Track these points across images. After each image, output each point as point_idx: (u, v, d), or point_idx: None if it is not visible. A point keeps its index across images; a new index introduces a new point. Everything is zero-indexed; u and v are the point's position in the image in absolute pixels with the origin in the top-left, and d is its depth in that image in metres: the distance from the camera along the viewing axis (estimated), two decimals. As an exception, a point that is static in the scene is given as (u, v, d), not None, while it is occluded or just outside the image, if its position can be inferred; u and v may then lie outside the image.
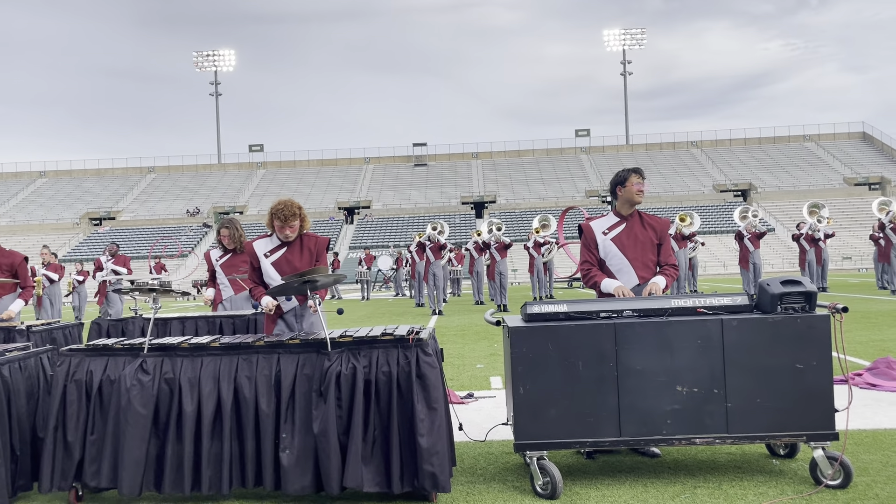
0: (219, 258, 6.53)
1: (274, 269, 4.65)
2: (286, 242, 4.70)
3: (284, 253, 4.68)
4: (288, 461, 3.60)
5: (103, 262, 15.03)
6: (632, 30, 71.23)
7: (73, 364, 3.80)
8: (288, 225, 4.60)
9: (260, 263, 4.71)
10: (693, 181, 58.93)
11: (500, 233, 18.51)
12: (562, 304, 3.91)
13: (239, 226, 6.56)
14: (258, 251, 4.73)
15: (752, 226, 18.18)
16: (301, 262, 4.64)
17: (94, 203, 62.29)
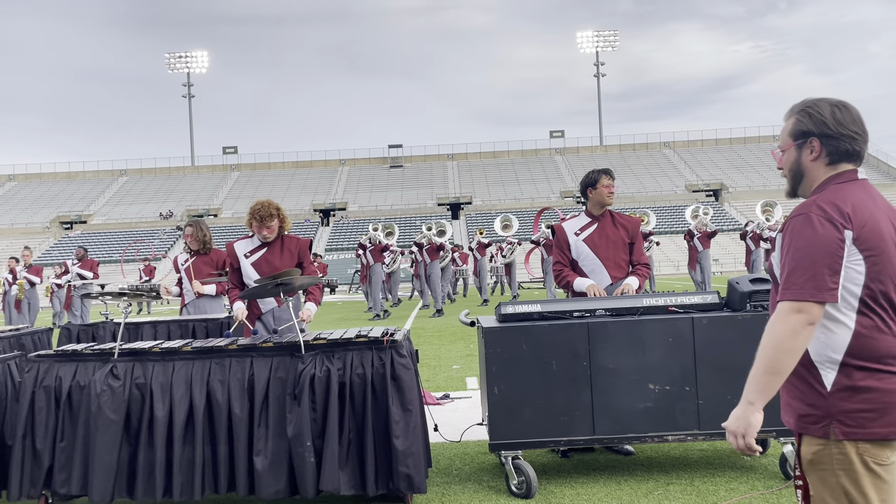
0: (184, 262, 6.40)
1: (254, 269, 4.64)
2: (267, 243, 4.69)
3: (265, 254, 4.67)
4: (262, 465, 3.57)
5: (70, 265, 14.72)
6: (604, 32, 71.83)
7: (42, 370, 3.74)
8: (265, 226, 4.58)
9: (240, 264, 4.69)
10: (666, 181, 59.55)
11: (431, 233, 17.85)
12: (535, 305, 3.93)
13: (205, 226, 6.39)
14: (238, 252, 4.71)
15: (702, 224, 17.27)
16: (281, 263, 4.63)
17: (65, 206, 61.31)
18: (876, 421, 1.77)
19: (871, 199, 1.89)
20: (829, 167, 1.93)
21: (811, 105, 1.94)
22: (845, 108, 1.92)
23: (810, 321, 1.78)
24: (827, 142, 1.91)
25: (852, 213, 1.81)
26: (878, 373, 1.79)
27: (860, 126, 1.91)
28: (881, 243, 1.82)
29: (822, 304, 1.79)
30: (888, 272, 1.82)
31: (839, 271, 1.79)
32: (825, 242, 1.79)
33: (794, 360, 1.80)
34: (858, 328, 1.81)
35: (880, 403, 1.77)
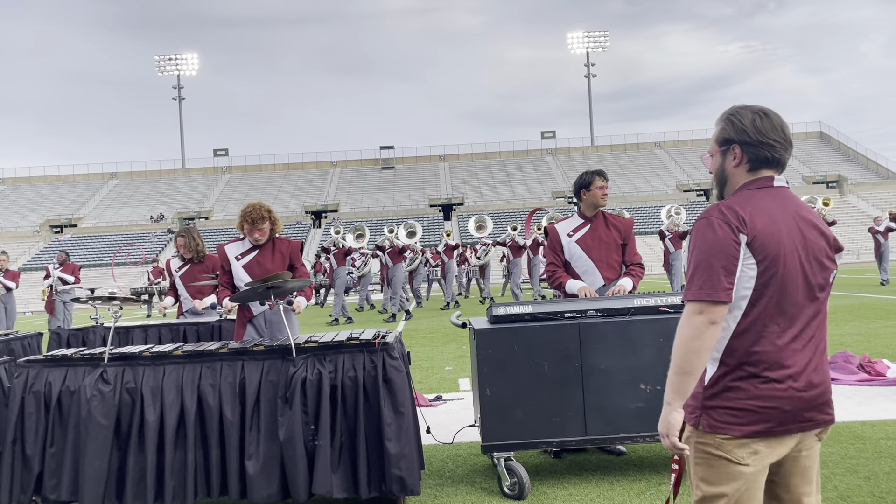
0: (178, 269, 6.35)
1: (245, 272, 4.63)
2: (258, 245, 4.68)
3: (256, 256, 4.66)
4: (254, 469, 3.56)
5: (51, 269, 14.55)
6: (594, 33, 71.98)
7: (32, 375, 3.72)
8: (257, 228, 4.58)
9: (231, 266, 4.68)
10: (657, 181, 59.72)
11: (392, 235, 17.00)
12: (527, 306, 3.93)
13: (196, 234, 6.34)
14: (229, 254, 4.70)
15: (674, 224, 16.59)
16: (273, 266, 4.62)
17: (55, 210, 60.96)
18: (737, 420, 1.86)
19: (780, 207, 1.92)
20: (749, 173, 1.98)
21: (734, 113, 1.98)
22: (766, 116, 1.95)
23: (712, 321, 1.85)
24: (747, 149, 1.95)
25: (749, 218, 1.87)
26: (751, 377, 1.86)
27: (780, 134, 1.94)
28: (775, 250, 1.86)
29: (721, 304, 1.85)
30: (779, 279, 1.86)
31: (734, 272, 1.86)
32: (722, 244, 1.86)
33: (703, 358, 1.86)
34: (740, 329, 1.88)
35: (745, 405, 1.85)
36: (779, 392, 1.85)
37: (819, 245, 1.92)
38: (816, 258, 1.91)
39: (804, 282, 1.89)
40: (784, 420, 1.86)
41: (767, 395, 1.85)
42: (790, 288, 1.87)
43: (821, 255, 1.92)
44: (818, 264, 1.91)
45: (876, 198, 54.54)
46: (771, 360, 1.86)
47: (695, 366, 1.86)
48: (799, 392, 1.86)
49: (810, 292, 1.90)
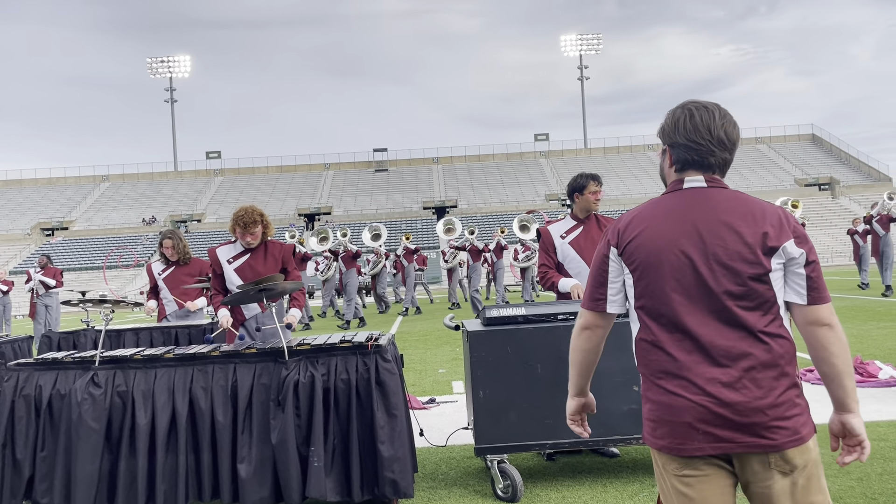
0: (161, 272, 6.29)
1: (237, 275, 4.61)
2: (250, 249, 4.66)
3: (248, 259, 4.64)
4: (246, 472, 3.55)
5: (32, 273, 14.39)
6: (588, 36, 72.19)
7: (22, 379, 3.70)
8: (249, 232, 4.56)
9: (223, 269, 4.65)
10: (650, 184, 59.87)
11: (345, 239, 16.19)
12: (520, 308, 3.93)
13: (182, 237, 6.38)
14: (221, 257, 4.68)
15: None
16: (265, 269, 4.60)
17: (46, 213, 60.69)
18: (655, 432, 1.81)
19: (679, 210, 1.82)
20: (677, 174, 1.91)
21: (668, 112, 1.92)
22: (692, 115, 1.86)
23: (583, 326, 1.97)
24: (673, 150, 1.90)
25: (624, 228, 1.87)
26: (655, 386, 1.81)
27: (703, 134, 1.83)
28: (650, 258, 1.80)
29: (594, 313, 1.94)
30: (658, 287, 1.79)
31: (605, 283, 1.91)
32: (597, 257, 1.94)
33: (580, 358, 2.01)
34: (638, 340, 1.87)
35: (657, 416, 1.80)
36: (677, 404, 1.75)
37: (730, 248, 1.75)
38: (721, 262, 1.75)
39: (702, 288, 1.75)
40: (687, 435, 1.74)
41: (667, 406, 1.77)
42: (676, 295, 1.77)
43: (730, 258, 1.74)
44: (724, 269, 1.74)
45: (867, 200, 54.76)
46: (665, 370, 1.78)
47: (575, 361, 2.03)
48: (701, 407, 1.72)
49: (713, 300, 1.74)
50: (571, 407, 2.10)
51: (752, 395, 1.71)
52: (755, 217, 1.78)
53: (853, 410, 1.79)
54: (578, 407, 2.11)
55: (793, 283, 1.78)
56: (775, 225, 1.77)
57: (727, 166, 1.88)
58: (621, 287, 1.90)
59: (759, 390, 1.71)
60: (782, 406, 1.72)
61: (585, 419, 2.12)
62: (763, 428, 1.70)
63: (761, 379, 1.72)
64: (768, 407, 1.71)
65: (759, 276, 1.74)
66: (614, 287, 1.90)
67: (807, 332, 1.78)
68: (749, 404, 1.71)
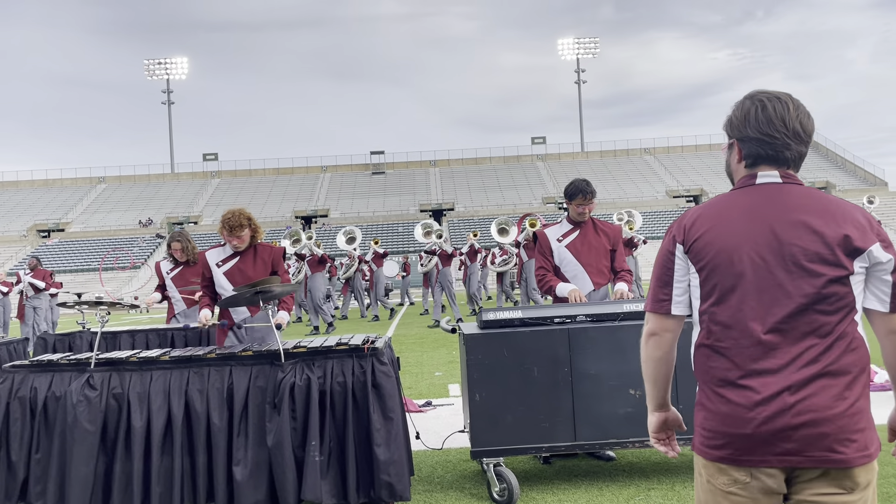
0: (169, 271, 6.41)
1: (226, 278, 4.59)
2: (239, 252, 4.65)
3: (237, 262, 4.62)
4: (241, 475, 3.54)
5: (21, 275, 14.29)
6: (585, 39, 72.32)
7: (17, 381, 3.69)
8: (235, 235, 4.54)
9: (212, 273, 4.64)
10: (647, 187, 59.97)
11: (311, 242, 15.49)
12: (517, 311, 3.93)
13: (191, 239, 6.50)
14: (210, 261, 4.66)
15: None
16: (254, 272, 4.59)
17: (42, 214, 60.55)
18: (711, 441, 1.70)
19: (751, 207, 1.71)
20: (747, 169, 1.79)
21: (736, 105, 1.81)
22: (764, 106, 1.74)
23: (651, 332, 1.83)
24: (743, 144, 1.78)
25: (691, 225, 1.75)
26: (715, 394, 1.70)
27: (777, 127, 1.72)
28: (719, 257, 1.69)
29: (659, 315, 1.80)
30: (727, 288, 1.68)
31: (670, 283, 1.78)
32: (660, 255, 1.81)
33: (652, 368, 1.84)
34: (698, 344, 1.76)
35: (712, 424, 1.70)
36: (740, 414, 1.64)
37: (809, 249, 1.63)
38: (799, 264, 1.63)
39: (776, 291, 1.64)
40: (749, 447, 1.64)
41: (729, 415, 1.66)
42: (747, 298, 1.66)
43: (809, 259, 1.63)
44: (802, 271, 1.63)
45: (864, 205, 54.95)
46: (729, 378, 1.67)
47: (647, 374, 1.86)
48: (766, 418, 1.61)
49: (788, 304, 1.63)
50: (653, 423, 1.91)
51: (823, 405, 1.60)
52: (835, 216, 1.66)
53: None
54: (661, 423, 1.91)
55: (875, 288, 1.66)
56: (858, 226, 1.65)
57: (801, 160, 1.77)
58: (687, 287, 1.77)
59: (830, 400, 1.60)
60: (853, 418, 1.61)
61: (673, 437, 1.93)
62: (834, 441, 1.60)
63: (833, 388, 1.61)
64: (839, 418, 1.60)
65: (840, 279, 1.63)
66: (680, 287, 1.77)
67: (888, 341, 1.69)
68: (820, 415, 1.60)
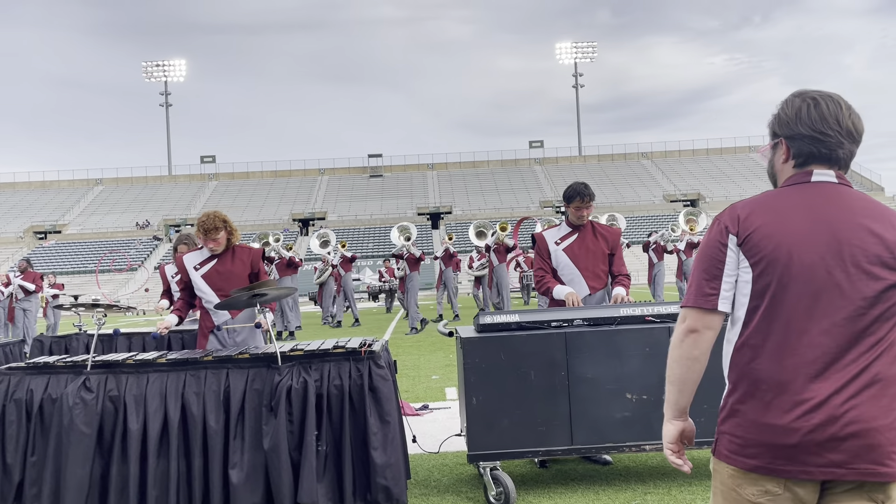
0: (175, 274, 6.38)
1: (205, 281, 4.55)
2: (216, 255, 4.62)
3: (215, 265, 4.58)
4: (237, 478, 3.53)
5: (11, 277, 14.18)
6: (582, 44, 72.49)
7: (13, 383, 3.68)
8: (211, 238, 4.51)
9: (190, 277, 4.60)
10: (644, 191, 60.07)
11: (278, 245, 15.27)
12: (514, 315, 3.94)
13: (198, 242, 6.42)
14: (188, 264, 4.62)
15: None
16: (233, 273, 4.55)
17: (39, 216, 60.46)
18: (743, 449, 1.61)
19: (808, 204, 1.65)
20: (796, 169, 1.72)
21: (785, 102, 1.75)
22: (817, 104, 1.69)
23: (691, 328, 1.69)
24: (793, 143, 1.71)
25: (745, 217, 1.66)
26: (752, 398, 1.61)
27: (831, 125, 1.67)
28: (776, 251, 1.60)
29: (703, 311, 1.68)
30: (783, 286, 1.60)
31: (719, 277, 1.67)
32: (708, 246, 1.70)
33: (684, 370, 1.71)
34: (740, 344, 1.66)
35: (747, 431, 1.61)
36: (783, 422, 1.56)
37: (867, 250, 1.58)
38: (860, 266, 1.57)
39: (833, 292, 1.57)
40: (792, 456, 1.55)
41: (770, 423, 1.57)
42: (802, 297, 1.58)
43: (870, 262, 1.58)
44: (863, 273, 1.57)
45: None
46: (774, 382, 1.58)
47: (675, 376, 1.72)
48: (812, 426, 1.54)
49: (845, 306, 1.56)
50: (670, 433, 1.77)
51: (872, 415, 1.53)
52: (891, 220, 1.63)
53: None
54: (678, 433, 1.78)
55: None
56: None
57: (851, 161, 1.72)
58: (734, 284, 1.66)
59: (879, 411, 1.54)
60: (882, 429, 1.54)
61: (684, 449, 1.80)
62: (881, 454, 1.53)
63: (883, 398, 1.54)
64: (887, 430, 1.53)
65: (885, 283, 1.58)
66: (729, 282, 1.66)
67: None
68: (868, 425, 1.52)
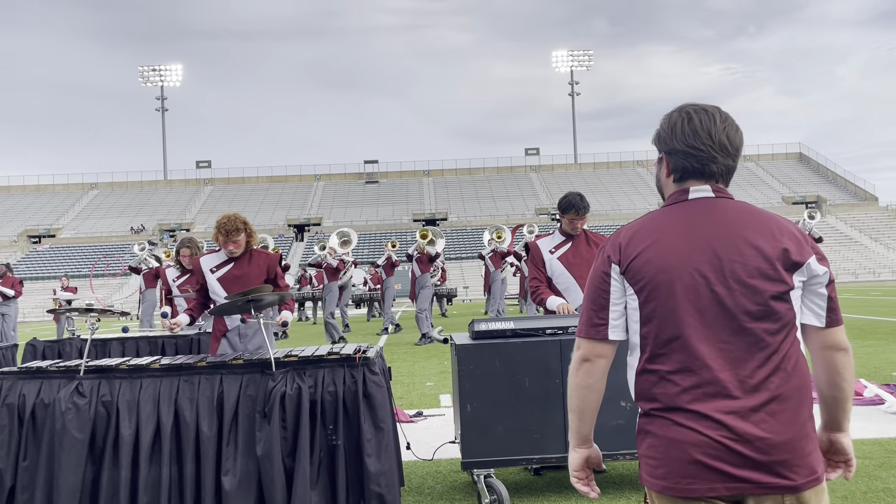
0: (176, 278, 6.36)
1: (220, 285, 4.53)
2: (234, 258, 4.60)
3: (231, 269, 4.56)
4: (230, 485, 3.51)
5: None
6: (578, 52, 72.76)
7: (5, 387, 3.66)
8: (231, 240, 4.49)
9: (206, 279, 4.58)
10: (639, 199, 60.21)
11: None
12: (508, 322, 3.94)
13: (199, 246, 6.38)
14: (204, 267, 4.60)
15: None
16: (250, 278, 4.54)
17: (34, 220, 60.28)
18: (657, 471, 1.60)
19: (687, 223, 1.65)
20: (676, 184, 1.72)
21: (665, 116, 1.74)
22: (690, 119, 1.68)
23: (584, 357, 1.70)
24: (670, 157, 1.71)
25: (627, 244, 1.66)
26: (659, 419, 1.60)
27: (703, 140, 1.66)
28: (658, 276, 1.60)
29: (594, 341, 1.68)
30: (668, 309, 1.60)
31: (605, 306, 1.67)
32: (594, 276, 1.71)
33: (581, 398, 1.71)
34: (640, 369, 1.65)
35: (660, 452, 1.59)
36: (687, 438, 1.55)
37: (749, 264, 1.58)
38: (739, 280, 1.57)
39: (717, 309, 1.57)
40: (698, 474, 1.54)
41: (674, 440, 1.56)
42: (690, 318, 1.58)
43: (749, 275, 1.57)
44: (743, 287, 1.57)
45: (854, 219, 55.33)
46: (675, 404, 1.57)
47: (575, 404, 1.72)
48: (717, 443, 1.53)
49: (730, 322, 1.57)
50: (575, 461, 1.77)
51: (773, 429, 1.53)
52: (771, 230, 1.62)
53: (846, 430, 1.73)
54: (582, 461, 1.78)
55: (811, 303, 1.63)
56: (794, 239, 1.62)
57: (731, 174, 1.71)
58: (623, 310, 1.67)
59: (779, 424, 1.54)
60: (801, 441, 1.55)
61: (591, 476, 1.80)
62: (784, 466, 1.53)
63: (781, 411, 1.55)
64: (789, 442, 1.54)
65: (781, 295, 1.58)
66: (616, 310, 1.67)
67: (822, 356, 1.65)
68: (770, 440, 1.53)
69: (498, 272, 16.33)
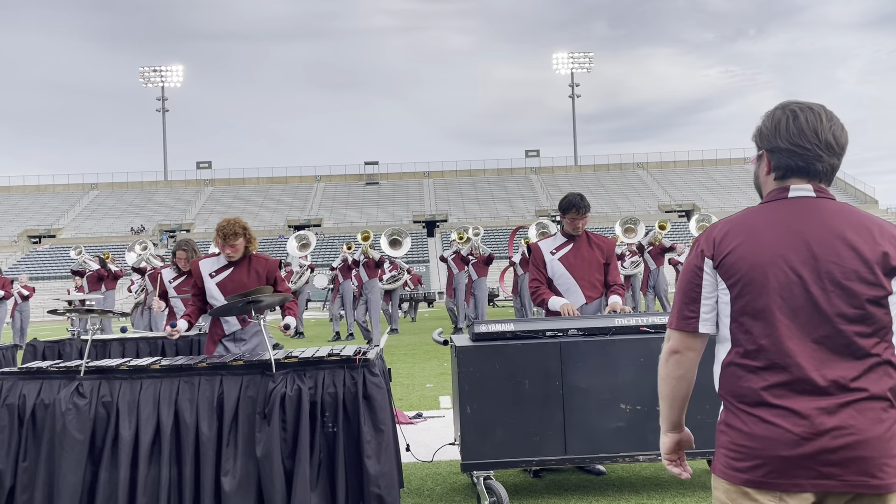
0: (172, 280, 6.33)
1: (218, 289, 4.51)
2: (233, 262, 4.58)
3: (230, 273, 4.54)
4: (229, 486, 3.51)
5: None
6: (578, 54, 72.80)
7: (5, 388, 3.66)
8: (229, 244, 4.47)
9: (204, 283, 4.57)
10: (639, 201, 60.20)
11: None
12: (508, 324, 3.94)
13: (196, 248, 6.38)
14: (203, 271, 4.58)
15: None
16: (248, 283, 4.52)
17: (34, 220, 60.27)
18: (739, 463, 1.62)
19: (785, 221, 1.66)
20: (777, 182, 1.73)
21: (767, 114, 1.75)
22: (796, 116, 1.69)
23: (674, 349, 1.74)
24: (772, 155, 1.72)
25: (721, 239, 1.68)
26: (745, 414, 1.62)
27: (809, 138, 1.67)
28: (752, 273, 1.62)
29: (684, 333, 1.72)
30: (760, 306, 1.61)
31: (697, 300, 1.70)
32: (687, 270, 1.73)
33: (670, 387, 1.76)
34: (727, 362, 1.68)
35: (740, 445, 1.62)
36: (772, 433, 1.58)
37: (846, 266, 1.58)
38: (836, 281, 1.58)
39: (811, 310, 1.58)
40: (783, 469, 1.57)
41: (759, 435, 1.59)
42: (782, 316, 1.59)
43: (846, 277, 1.58)
44: (839, 289, 1.58)
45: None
46: (764, 398, 1.60)
47: (664, 393, 1.78)
48: (802, 440, 1.55)
49: (823, 323, 1.58)
50: (666, 445, 1.86)
51: (861, 427, 1.55)
52: (872, 233, 1.61)
53: None
54: (674, 444, 1.85)
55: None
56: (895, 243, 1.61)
57: (834, 173, 1.71)
58: (715, 304, 1.69)
59: (868, 424, 1.55)
60: (891, 442, 1.56)
61: (684, 458, 1.87)
62: (872, 465, 1.54)
63: (870, 411, 1.56)
64: (877, 442, 1.55)
65: (878, 299, 1.58)
66: (708, 304, 1.69)
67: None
68: (858, 438, 1.54)
69: (462, 274, 15.45)
